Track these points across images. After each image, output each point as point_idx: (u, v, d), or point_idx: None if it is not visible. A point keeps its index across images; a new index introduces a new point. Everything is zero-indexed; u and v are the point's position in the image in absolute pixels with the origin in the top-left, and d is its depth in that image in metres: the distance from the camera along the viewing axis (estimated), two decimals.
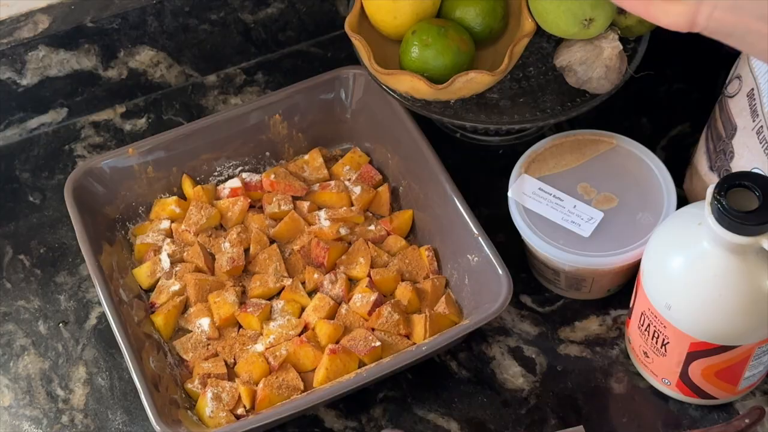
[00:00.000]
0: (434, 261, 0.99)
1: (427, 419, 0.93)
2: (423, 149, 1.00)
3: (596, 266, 0.92)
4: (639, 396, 0.94)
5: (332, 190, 1.03)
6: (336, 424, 0.94)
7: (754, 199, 0.78)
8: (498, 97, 1.02)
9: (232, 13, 1.14)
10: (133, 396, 0.96)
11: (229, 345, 0.96)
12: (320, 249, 1.00)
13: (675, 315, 0.84)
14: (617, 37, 0.96)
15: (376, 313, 0.95)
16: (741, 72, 0.92)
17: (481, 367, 0.96)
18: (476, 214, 0.96)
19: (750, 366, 0.87)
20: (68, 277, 1.04)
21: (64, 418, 0.95)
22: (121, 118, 1.15)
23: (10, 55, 1.08)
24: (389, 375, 0.92)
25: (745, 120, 0.90)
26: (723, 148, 0.93)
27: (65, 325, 1.01)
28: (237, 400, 0.92)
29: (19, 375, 0.98)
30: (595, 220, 0.93)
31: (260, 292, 0.98)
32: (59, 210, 1.07)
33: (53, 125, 1.15)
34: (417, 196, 1.02)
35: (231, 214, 1.03)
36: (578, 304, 0.99)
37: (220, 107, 1.16)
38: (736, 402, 0.93)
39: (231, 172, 1.07)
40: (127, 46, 1.12)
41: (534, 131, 1.08)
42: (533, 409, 0.93)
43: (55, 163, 1.12)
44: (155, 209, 1.04)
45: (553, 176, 0.96)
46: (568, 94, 1.00)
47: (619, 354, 0.96)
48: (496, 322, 0.98)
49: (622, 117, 1.09)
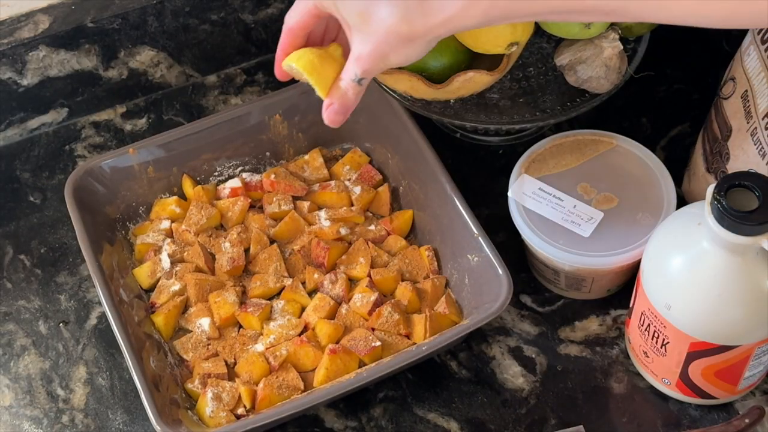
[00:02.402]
0: (434, 261, 0.99)
1: (427, 419, 0.94)
2: (423, 149, 1.00)
3: (596, 266, 0.92)
4: (639, 396, 0.94)
5: (332, 190, 1.03)
6: (336, 424, 0.94)
7: (754, 199, 0.78)
8: (498, 97, 1.02)
9: (233, 13, 1.14)
10: (133, 396, 0.96)
11: (230, 345, 0.96)
12: (320, 249, 1.00)
13: (675, 315, 0.84)
14: (617, 37, 0.96)
15: (376, 313, 0.95)
16: (735, 74, 0.92)
17: (481, 367, 0.96)
18: (476, 214, 0.96)
19: (750, 366, 0.87)
20: (68, 277, 1.04)
21: (64, 417, 0.95)
22: (122, 118, 1.15)
23: (10, 55, 1.08)
24: (389, 375, 0.93)
25: (739, 121, 0.90)
26: (719, 149, 0.93)
27: (66, 325, 1.01)
28: (237, 400, 0.92)
29: (19, 375, 0.98)
30: (595, 220, 0.93)
31: (260, 292, 0.98)
32: (59, 210, 1.07)
33: (54, 125, 1.15)
34: (417, 196, 1.02)
35: (231, 214, 1.03)
36: (578, 304, 0.99)
37: (221, 107, 1.16)
38: (736, 402, 0.93)
39: (231, 172, 1.07)
40: (127, 46, 1.12)
41: (534, 131, 1.08)
42: (533, 409, 0.93)
43: (55, 163, 1.12)
44: (155, 209, 1.04)
45: (553, 176, 0.96)
46: (568, 94, 1.01)
47: (619, 354, 0.96)
48: (496, 322, 0.98)
49: (622, 117, 1.09)
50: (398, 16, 0.75)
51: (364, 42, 0.78)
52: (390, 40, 0.76)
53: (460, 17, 0.74)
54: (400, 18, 0.75)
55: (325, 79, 0.82)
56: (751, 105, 0.89)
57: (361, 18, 0.76)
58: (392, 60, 0.78)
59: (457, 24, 0.75)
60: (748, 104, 0.89)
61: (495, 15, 0.74)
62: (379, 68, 0.79)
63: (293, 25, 0.83)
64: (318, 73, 0.82)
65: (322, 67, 0.82)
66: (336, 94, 0.82)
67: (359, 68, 0.79)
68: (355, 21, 0.77)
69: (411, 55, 0.78)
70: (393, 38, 0.76)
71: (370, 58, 0.78)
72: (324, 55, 0.83)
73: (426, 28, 0.75)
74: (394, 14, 0.75)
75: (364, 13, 0.76)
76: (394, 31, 0.75)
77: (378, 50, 0.77)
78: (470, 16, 0.74)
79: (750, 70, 0.89)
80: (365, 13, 0.76)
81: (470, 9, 0.74)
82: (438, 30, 0.76)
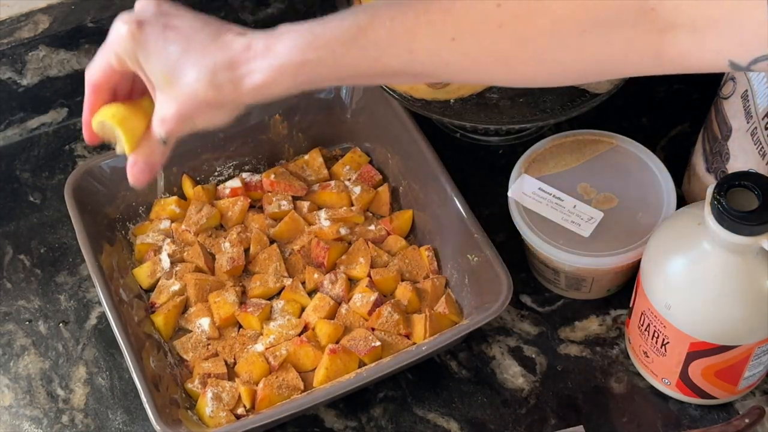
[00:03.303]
0: (434, 261, 0.99)
1: (427, 419, 0.93)
2: (423, 149, 1.00)
3: (596, 266, 0.92)
4: (639, 396, 0.94)
5: (332, 190, 1.03)
6: (336, 424, 0.94)
7: (754, 199, 0.78)
8: (498, 97, 1.02)
9: (232, 13, 1.14)
10: (133, 396, 0.96)
11: (229, 345, 0.96)
12: (320, 249, 1.00)
13: (675, 315, 0.84)
14: None
15: (376, 313, 0.95)
16: (735, 73, 0.92)
17: (481, 367, 0.96)
18: (476, 214, 0.96)
19: (750, 366, 0.87)
20: (68, 277, 1.04)
21: (64, 417, 0.95)
22: None
23: (10, 55, 1.08)
24: (389, 375, 0.93)
25: (739, 121, 0.90)
26: (719, 149, 0.93)
27: (65, 325, 1.01)
28: (237, 399, 0.92)
29: (19, 375, 0.98)
30: (595, 220, 0.93)
31: (260, 292, 0.98)
32: (59, 210, 1.07)
33: (53, 125, 1.15)
34: (417, 196, 1.02)
35: (231, 214, 1.03)
36: (578, 304, 0.99)
37: None
38: (736, 402, 0.93)
39: (231, 172, 1.07)
40: None
41: (534, 131, 1.08)
42: (533, 409, 0.93)
43: (55, 163, 1.12)
44: (155, 209, 1.04)
45: (553, 176, 0.96)
46: (568, 94, 1.01)
47: (619, 354, 0.96)
48: (496, 322, 0.98)
49: (622, 117, 1.09)
50: (205, 82, 0.73)
51: (168, 103, 0.75)
52: (197, 105, 0.74)
53: (268, 85, 0.73)
54: (207, 84, 0.73)
55: (134, 133, 0.79)
56: (751, 105, 0.89)
57: (165, 79, 0.74)
58: (198, 123, 0.76)
59: (266, 92, 0.73)
60: (748, 104, 0.89)
61: (302, 81, 0.73)
62: (185, 130, 0.77)
63: (97, 80, 0.79)
64: (127, 127, 0.78)
65: (131, 120, 0.78)
66: (141, 152, 0.79)
67: (164, 129, 0.77)
68: (160, 82, 0.75)
69: (218, 119, 0.76)
70: (200, 104, 0.74)
71: (174, 121, 0.75)
72: (133, 109, 0.79)
73: (234, 95, 0.73)
74: (200, 80, 0.73)
75: (169, 75, 0.74)
76: (200, 96, 0.73)
77: (183, 113, 0.75)
78: (279, 83, 0.73)
79: None
80: (170, 76, 0.74)
81: (279, 77, 0.72)
82: (246, 98, 0.74)
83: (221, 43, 0.74)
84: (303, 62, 0.72)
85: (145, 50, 0.74)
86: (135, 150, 0.79)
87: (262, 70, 0.72)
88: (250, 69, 0.72)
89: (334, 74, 0.73)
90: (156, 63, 0.74)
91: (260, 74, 0.72)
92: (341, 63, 0.72)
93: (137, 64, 0.76)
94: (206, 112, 0.75)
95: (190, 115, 0.75)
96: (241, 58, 0.73)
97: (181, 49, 0.74)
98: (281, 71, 0.72)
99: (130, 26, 0.75)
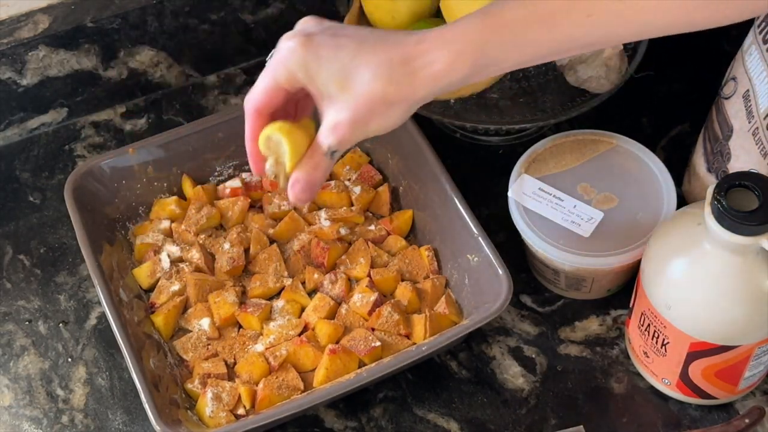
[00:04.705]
0: (434, 261, 0.99)
1: (427, 419, 0.93)
2: (423, 149, 1.00)
3: (596, 266, 0.92)
4: (639, 396, 0.94)
5: (332, 190, 1.03)
6: (336, 424, 0.94)
7: (754, 199, 0.78)
8: (498, 97, 1.02)
9: (232, 13, 1.14)
10: (133, 396, 0.96)
11: (229, 345, 0.96)
12: (320, 249, 1.00)
13: (675, 315, 0.84)
14: None
15: (376, 313, 0.95)
16: (736, 73, 0.92)
17: (481, 367, 0.96)
18: (476, 214, 0.96)
19: (750, 366, 0.87)
20: (68, 277, 1.04)
21: (64, 418, 0.95)
22: (121, 118, 1.15)
23: (10, 55, 1.08)
24: (389, 375, 0.92)
25: (741, 121, 0.90)
26: (720, 149, 0.93)
27: (65, 325, 1.01)
28: (237, 400, 0.92)
29: (19, 375, 0.98)
30: (595, 220, 0.93)
31: (260, 292, 0.98)
32: (59, 210, 1.07)
33: (53, 125, 1.15)
34: (417, 196, 1.02)
35: (231, 214, 1.03)
36: (578, 304, 0.99)
37: (221, 107, 1.16)
38: (736, 402, 0.93)
39: (231, 172, 1.07)
40: (127, 46, 1.12)
41: (534, 131, 1.08)
42: (533, 409, 0.93)
43: (55, 163, 1.12)
44: (155, 209, 1.04)
45: (553, 176, 0.96)
46: (568, 94, 1.01)
47: (619, 354, 0.96)
48: (496, 322, 0.98)
49: (622, 117, 1.09)
50: (382, 79, 0.72)
51: (341, 111, 0.74)
52: (372, 106, 0.73)
53: (447, 73, 0.72)
54: (384, 80, 0.72)
55: (298, 148, 0.77)
56: (753, 105, 0.89)
57: (339, 85, 0.73)
58: (372, 127, 0.75)
59: (443, 82, 0.73)
60: (750, 104, 0.89)
61: (480, 65, 0.72)
62: (357, 138, 0.76)
63: (259, 103, 0.78)
64: (293, 139, 0.77)
65: (297, 134, 0.77)
66: (304, 169, 0.78)
67: (335, 138, 0.75)
68: (333, 89, 0.74)
69: (391, 121, 0.75)
70: (376, 103, 0.73)
71: (347, 126, 0.74)
72: (296, 125, 0.78)
73: (410, 90, 0.73)
74: (377, 77, 0.72)
75: (343, 80, 0.73)
76: (377, 94, 0.73)
77: (357, 118, 0.74)
78: (457, 70, 0.72)
79: (751, 70, 0.89)
80: (344, 80, 0.73)
81: (457, 63, 0.72)
82: (422, 91, 0.73)
83: (393, 41, 0.74)
84: (483, 43, 0.71)
85: (317, 58, 0.74)
86: (296, 168, 0.78)
87: (440, 58, 0.72)
88: (426, 60, 0.72)
89: (512, 55, 0.73)
90: (329, 69, 0.73)
91: (438, 63, 0.72)
92: (521, 41, 0.71)
93: (307, 76, 0.74)
94: (380, 114, 0.74)
95: (364, 120, 0.74)
96: (415, 51, 0.72)
97: (353, 52, 0.73)
98: (459, 55, 0.72)
99: (299, 38, 0.74)
